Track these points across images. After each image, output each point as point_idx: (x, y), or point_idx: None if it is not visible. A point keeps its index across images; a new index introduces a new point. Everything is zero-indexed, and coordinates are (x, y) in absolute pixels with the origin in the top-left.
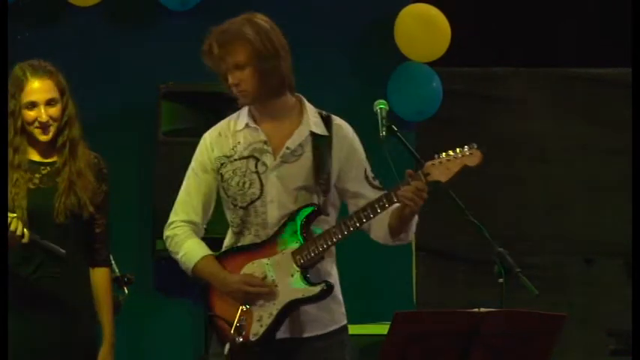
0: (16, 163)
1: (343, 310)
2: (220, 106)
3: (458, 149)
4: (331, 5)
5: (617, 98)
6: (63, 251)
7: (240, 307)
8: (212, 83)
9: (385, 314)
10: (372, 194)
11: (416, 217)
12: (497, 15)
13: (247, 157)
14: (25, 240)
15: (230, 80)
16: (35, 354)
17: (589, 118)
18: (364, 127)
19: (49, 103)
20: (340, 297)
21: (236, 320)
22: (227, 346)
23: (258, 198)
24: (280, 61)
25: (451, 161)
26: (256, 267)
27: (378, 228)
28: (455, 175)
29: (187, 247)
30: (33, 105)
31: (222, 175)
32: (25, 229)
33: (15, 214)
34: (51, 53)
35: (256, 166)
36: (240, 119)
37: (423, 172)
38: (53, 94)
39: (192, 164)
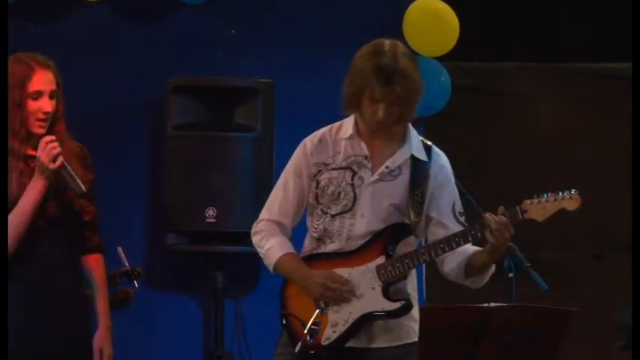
0: (22, 154)
1: (416, 328)
2: (230, 100)
3: (559, 192)
4: (340, 0)
5: (624, 92)
6: (84, 188)
7: (317, 310)
8: (221, 77)
9: None
10: (455, 227)
11: (493, 267)
12: (506, 10)
13: (345, 168)
14: (56, 165)
15: (380, 112)
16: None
17: (596, 113)
18: None
19: (51, 95)
20: (416, 315)
21: (310, 322)
22: (299, 345)
23: (349, 210)
24: (418, 102)
25: (550, 203)
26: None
27: (452, 260)
28: (551, 217)
29: (273, 242)
30: (38, 95)
31: (317, 182)
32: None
33: (54, 137)
34: (60, 47)
35: (352, 179)
36: (344, 127)
37: (520, 209)
38: (54, 86)
39: (288, 166)
